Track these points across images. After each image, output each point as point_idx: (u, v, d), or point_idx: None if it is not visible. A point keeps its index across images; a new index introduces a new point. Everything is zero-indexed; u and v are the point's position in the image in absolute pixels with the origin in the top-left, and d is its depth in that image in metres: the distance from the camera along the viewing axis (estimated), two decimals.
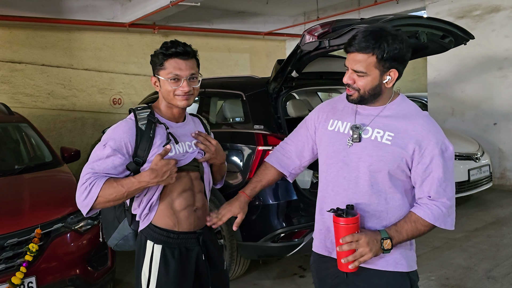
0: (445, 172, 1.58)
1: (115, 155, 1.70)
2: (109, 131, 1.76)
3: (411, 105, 1.68)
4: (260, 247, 3.37)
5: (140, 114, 1.78)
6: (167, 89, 1.76)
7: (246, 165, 3.41)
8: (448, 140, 1.61)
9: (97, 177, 1.67)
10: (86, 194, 1.65)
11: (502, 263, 3.93)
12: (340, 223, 1.53)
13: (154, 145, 1.75)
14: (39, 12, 7.07)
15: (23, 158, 3.96)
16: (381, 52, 1.51)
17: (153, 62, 1.79)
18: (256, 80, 3.86)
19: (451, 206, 1.61)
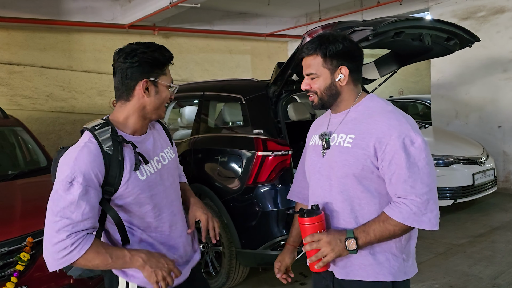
0: (410, 167, 1.47)
1: (88, 192, 1.42)
2: (68, 162, 1.44)
3: (377, 103, 1.61)
4: (260, 254, 3.28)
5: (101, 135, 1.48)
6: (165, 97, 1.58)
7: (245, 171, 3.32)
8: (416, 132, 1.50)
9: (81, 237, 1.41)
10: (65, 254, 1.38)
11: (507, 270, 3.83)
12: (305, 224, 1.54)
13: (125, 170, 1.50)
14: (37, 14, 7.02)
15: (17, 163, 3.89)
16: (323, 50, 1.55)
17: (150, 63, 1.53)
18: (256, 83, 3.76)
19: (424, 203, 1.46)
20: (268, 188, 3.24)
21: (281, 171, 3.24)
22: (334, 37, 1.57)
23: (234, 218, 3.39)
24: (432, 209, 1.48)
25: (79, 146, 1.48)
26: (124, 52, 1.54)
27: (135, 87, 1.54)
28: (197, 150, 3.86)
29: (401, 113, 1.57)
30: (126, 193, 1.51)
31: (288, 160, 3.25)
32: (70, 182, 1.40)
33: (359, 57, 1.61)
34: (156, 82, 1.55)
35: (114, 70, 1.58)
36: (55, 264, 1.41)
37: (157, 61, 1.54)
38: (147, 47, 1.54)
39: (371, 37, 2.65)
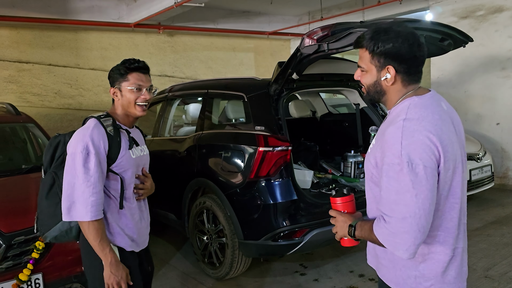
0: (398, 190, 1.38)
1: (100, 162, 1.90)
2: (83, 139, 1.88)
3: (402, 109, 1.49)
4: (261, 245, 3.44)
5: (105, 122, 1.97)
6: (129, 98, 2.01)
7: (248, 165, 3.47)
8: (414, 155, 1.36)
9: (98, 206, 1.89)
10: (85, 212, 1.86)
11: (500, 262, 3.97)
12: (337, 203, 1.70)
13: (122, 148, 1.99)
14: (45, 13, 7.18)
15: (30, 157, 4.06)
16: (371, 46, 1.49)
17: (114, 75, 2.02)
18: (258, 82, 3.91)
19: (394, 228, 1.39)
20: (269, 182, 3.39)
21: (282, 166, 3.39)
22: (387, 33, 1.46)
23: (237, 210, 3.54)
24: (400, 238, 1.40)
25: (89, 127, 1.92)
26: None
27: (112, 93, 2.07)
28: (201, 145, 4.02)
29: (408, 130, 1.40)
30: (121, 165, 1.99)
31: (288, 155, 3.40)
32: (87, 154, 1.87)
33: (413, 58, 1.47)
34: (120, 87, 2.01)
35: None
36: (75, 216, 1.89)
37: (118, 72, 2.01)
38: (117, 65, 2.04)
39: None
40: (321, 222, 3.47)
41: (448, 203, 1.47)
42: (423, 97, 1.50)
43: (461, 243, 1.53)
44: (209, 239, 3.93)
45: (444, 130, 1.42)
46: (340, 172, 4.21)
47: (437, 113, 1.45)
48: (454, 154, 1.44)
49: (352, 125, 4.55)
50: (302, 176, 3.78)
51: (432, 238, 1.48)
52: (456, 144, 1.47)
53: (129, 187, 2.06)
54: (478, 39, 6.89)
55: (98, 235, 1.90)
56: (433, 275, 1.51)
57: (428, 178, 1.36)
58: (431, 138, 1.38)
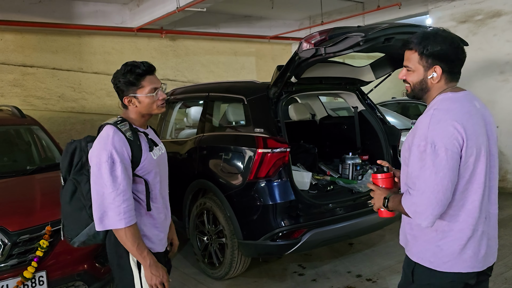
0: (421, 166, 1.61)
1: (126, 168, 1.91)
2: (106, 147, 1.88)
3: (436, 101, 1.73)
4: (260, 245, 3.50)
5: (123, 127, 1.95)
6: (149, 103, 2.00)
7: (247, 167, 3.54)
8: (438, 138, 1.59)
9: (130, 211, 1.90)
10: (118, 219, 1.87)
11: (496, 263, 4.01)
12: (378, 178, 1.95)
13: (143, 151, 1.98)
14: (50, 18, 7.30)
15: (35, 159, 4.14)
16: (421, 49, 1.69)
17: (125, 85, 1.97)
18: (257, 85, 3.99)
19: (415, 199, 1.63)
20: (268, 183, 3.46)
21: (280, 167, 3.46)
22: (435, 38, 1.68)
23: (236, 211, 3.61)
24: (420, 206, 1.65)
25: (110, 135, 1.90)
26: (112, 78, 2.06)
27: (124, 101, 2.03)
28: (202, 147, 4.10)
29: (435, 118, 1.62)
30: (144, 168, 1.99)
31: (287, 157, 3.47)
32: (112, 162, 1.86)
33: (457, 60, 1.71)
34: (135, 96, 1.99)
35: None
36: (109, 225, 1.88)
37: (129, 82, 1.97)
38: (123, 73, 1.98)
39: (362, 43, 2.87)
40: (319, 222, 3.54)
41: (471, 187, 1.65)
42: (457, 93, 1.71)
43: (481, 227, 1.70)
44: (209, 240, 4.00)
45: (470, 122, 1.63)
46: (339, 174, 4.28)
47: (466, 107, 1.67)
48: (478, 144, 1.63)
49: (350, 128, 4.62)
50: (300, 178, 3.85)
51: (453, 217, 1.68)
52: (483, 137, 1.67)
53: (154, 188, 2.06)
54: (477, 43, 6.98)
55: (135, 240, 1.92)
56: (451, 252, 1.69)
57: (448, 159, 1.57)
58: (456, 126, 1.59)
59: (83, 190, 2.02)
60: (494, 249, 1.79)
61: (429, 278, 1.75)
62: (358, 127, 4.49)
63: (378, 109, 4.44)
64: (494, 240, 1.79)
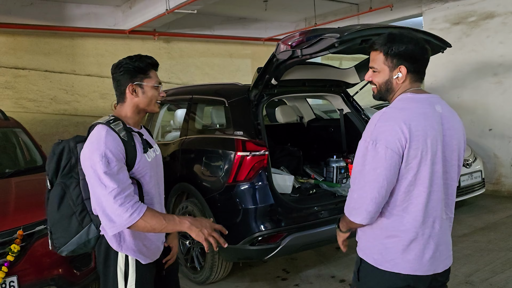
0: (362, 162, 1.63)
1: (122, 167, 1.79)
2: (99, 148, 1.75)
3: (394, 100, 1.74)
4: (240, 250, 3.45)
5: (116, 127, 1.83)
6: (152, 96, 1.93)
7: (226, 170, 3.50)
8: (381, 136, 1.59)
9: (136, 202, 1.76)
10: (128, 215, 1.73)
11: (483, 268, 3.96)
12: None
13: (137, 153, 1.87)
14: (42, 20, 7.29)
15: (15, 162, 4.11)
16: (386, 49, 1.69)
17: (132, 71, 1.89)
18: (239, 87, 3.95)
19: (354, 194, 1.67)
20: (246, 187, 3.41)
21: (259, 170, 3.42)
22: (401, 38, 1.68)
23: (216, 215, 3.56)
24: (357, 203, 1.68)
25: (101, 136, 1.78)
26: (114, 65, 1.96)
27: (125, 91, 1.92)
28: (185, 150, 4.06)
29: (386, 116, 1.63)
30: (138, 171, 1.88)
31: (266, 160, 3.42)
32: (107, 162, 1.74)
33: (422, 59, 1.71)
34: (141, 84, 1.91)
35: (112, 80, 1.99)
36: (123, 224, 1.74)
37: (138, 68, 1.90)
38: (130, 59, 1.92)
39: (337, 44, 2.82)
40: (299, 226, 3.49)
41: (415, 189, 1.63)
42: (417, 95, 1.70)
43: (427, 231, 1.67)
44: (191, 244, 3.95)
45: (421, 124, 1.60)
46: (323, 177, 4.22)
47: (422, 109, 1.65)
48: (425, 146, 1.60)
49: (337, 130, 4.57)
50: (282, 181, 3.80)
51: (398, 217, 1.67)
52: (432, 140, 1.62)
53: (149, 192, 1.95)
54: (470, 45, 6.92)
55: (159, 220, 1.76)
56: (394, 251, 1.68)
57: (386, 157, 1.57)
58: (402, 126, 1.57)
59: (73, 195, 1.88)
60: (445, 255, 1.74)
61: (373, 277, 1.74)
62: (344, 129, 4.43)
63: (364, 112, 4.39)
64: (446, 245, 1.75)
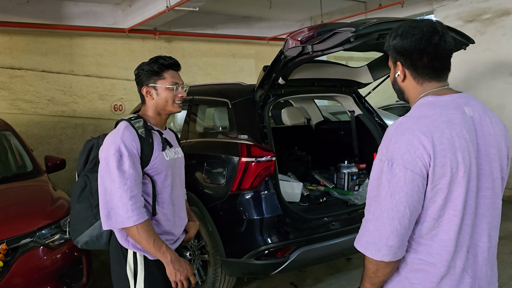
0: (377, 185, 1.33)
1: (135, 163, 1.83)
2: (115, 141, 1.83)
3: (412, 108, 1.45)
4: (244, 264, 3.18)
5: (136, 124, 1.91)
6: (166, 97, 1.96)
7: (230, 177, 3.22)
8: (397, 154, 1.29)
9: (139, 208, 1.80)
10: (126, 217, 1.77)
11: (508, 283, 3.66)
12: None
13: (155, 150, 1.92)
14: (39, 18, 7.02)
15: (3, 167, 3.84)
16: (387, 44, 1.48)
17: (146, 73, 1.96)
18: (243, 87, 3.67)
19: (369, 225, 1.34)
20: (252, 196, 3.13)
21: (266, 178, 3.13)
22: (396, 31, 1.44)
23: (219, 226, 3.29)
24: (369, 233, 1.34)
25: (121, 129, 1.86)
26: (136, 68, 2.04)
27: (142, 93, 2.00)
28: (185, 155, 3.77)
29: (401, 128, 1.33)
30: (154, 167, 1.91)
31: (272, 167, 3.14)
32: (120, 156, 1.80)
33: (417, 52, 1.38)
34: (155, 86, 1.96)
35: None
36: (118, 223, 1.79)
37: (152, 71, 1.96)
38: (148, 63, 1.98)
39: (353, 39, 2.54)
40: (309, 239, 3.20)
41: (446, 214, 1.32)
42: (439, 97, 1.39)
43: (460, 262, 1.35)
44: (192, 255, 3.67)
45: (446, 134, 1.29)
46: (333, 184, 3.93)
47: (446, 115, 1.33)
48: (454, 162, 1.29)
49: (347, 133, 4.28)
50: (290, 189, 3.52)
51: (425, 247, 1.35)
52: (463, 153, 1.30)
53: (163, 191, 1.97)
54: (485, 43, 6.61)
55: (150, 237, 1.82)
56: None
57: (406, 181, 1.27)
58: (422, 140, 1.27)
59: (93, 188, 1.98)
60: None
61: None
62: (355, 132, 4.14)
63: (377, 114, 4.09)
64: (486, 279, 1.41)
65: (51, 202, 3.22)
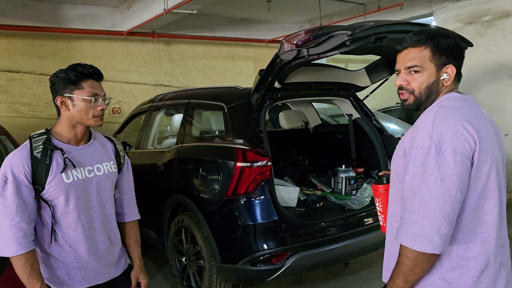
0: (423, 172, 1.29)
1: (20, 189, 1.69)
2: (4, 163, 1.72)
3: (439, 100, 1.45)
4: (239, 270, 3.13)
5: (36, 142, 1.76)
6: (84, 109, 1.78)
7: (225, 182, 3.17)
8: (445, 138, 1.28)
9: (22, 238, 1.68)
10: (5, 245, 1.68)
11: None
12: (379, 190, 1.75)
13: (51, 172, 1.74)
14: (37, 21, 7.02)
15: None
16: (435, 43, 1.42)
17: (62, 81, 1.78)
18: (239, 91, 3.62)
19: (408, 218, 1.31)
20: (247, 201, 3.09)
21: (261, 183, 3.09)
22: (445, 32, 1.46)
23: (214, 231, 3.25)
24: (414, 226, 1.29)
25: (15, 151, 1.76)
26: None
27: (56, 104, 1.81)
28: (180, 159, 3.74)
29: (442, 114, 1.34)
30: (49, 192, 1.75)
31: (268, 171, 3.10)
32: (4, 182, 1.69)
33: (463, 58, 1.48)
34: (70, 96, 1.78)
35: None
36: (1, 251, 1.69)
37: (68, 79, 1.77)
38: (65, 70, 1.80)
39: (349, 43, 2.50)
40: (305, 244, 3.16)
41: (486, 204, 1.33)
42: (463, 95, 1.46)
43: (499, 256, 1.35)
44: (188, 261, 3.63)
45: (482, 124, 1.35)
46: (331, 189, 3.89)
47: (475, 109, 1.40)
48: (493, 150, 1.34)
49: (345, 137, 4.24)
50: (286, 194, 3.47)
51: (464, 241, 1.33)
52: (496, 144, 1.38)
53: (67, 216, 1.80)
54: (485, 45, 6.57)
55: (26, 271, 1.70)
56: (461, 286, 1.33)
57: (456, 163, 1.26)
58: (466, 126, 1.30)
59: None
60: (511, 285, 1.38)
61: None
62: (353, 136, 4.10)
63: (375, 117, 4.05)
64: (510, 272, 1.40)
65: None
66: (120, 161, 2.04)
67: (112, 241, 1.97)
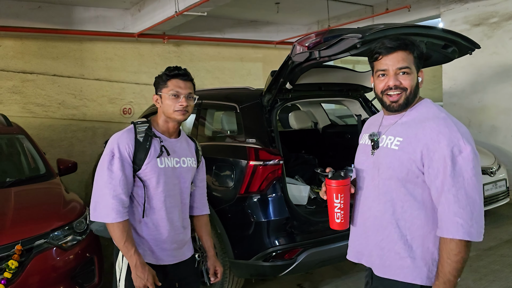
0: (455, 176, 1.48)
1: (124, 165, 1.95)
2: (112, 140, 1.99)
3: (430, 109, 1.63)
4: (252, 265, 3.23)
5: (139, 128, 2.03)
6: (168, 104, 2.03)
7: (238, 180, 3.27)
8: (467, 142, 1.50)
9: (121, 208, 1.92)
10: (105, 212, 1.91)
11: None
12: (331, 185, 1.73)
13: (149, 156, 2.00)
14: (50, 23, 7.15)
15: (17, 170, 3.93)
16: (417, 50, 1.61)
17: (157, 82, 2.09)
18: (251, 92, 3.73)
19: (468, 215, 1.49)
20: (260, 198, 3.19)
21: (273, 181, 3.19)
22: (410, 39, 1.64)
23: (227, 228, 3.35)
24: (477, 221, 1.49)
25: (121, 132, 2.03)
26: None
27: (156, 100, 2.11)
28: None
29: (454, 121, 1.57)
30: (145, 172, 2.00)
31: (280, 170, 3.19)
32: (112, 157, 1.94)
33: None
34: (160, 94, 2.07)
35: None
36: (98, 217, 1.94)
37: (159, 79, 2.09)
38: (165, 70, 2.09)
39: (359, 45, 2.58)
40: (316, 241, 3.25)
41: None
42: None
43: None
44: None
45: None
46: None
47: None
48: None
49: (354, 137, 4.31)
50: (298, 192, 3.57)
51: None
52: None
53: (154, 197, 2.03)
54: (492, 47, 6.62)
55: (122, 237, 1.92)
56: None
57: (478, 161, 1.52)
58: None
59: None
60: None
61: None
62: None
63: None
64: None
65: (64, 204, 3.30)
66: (198, 159, 2.30)
67: (185, 228, 2.20)
